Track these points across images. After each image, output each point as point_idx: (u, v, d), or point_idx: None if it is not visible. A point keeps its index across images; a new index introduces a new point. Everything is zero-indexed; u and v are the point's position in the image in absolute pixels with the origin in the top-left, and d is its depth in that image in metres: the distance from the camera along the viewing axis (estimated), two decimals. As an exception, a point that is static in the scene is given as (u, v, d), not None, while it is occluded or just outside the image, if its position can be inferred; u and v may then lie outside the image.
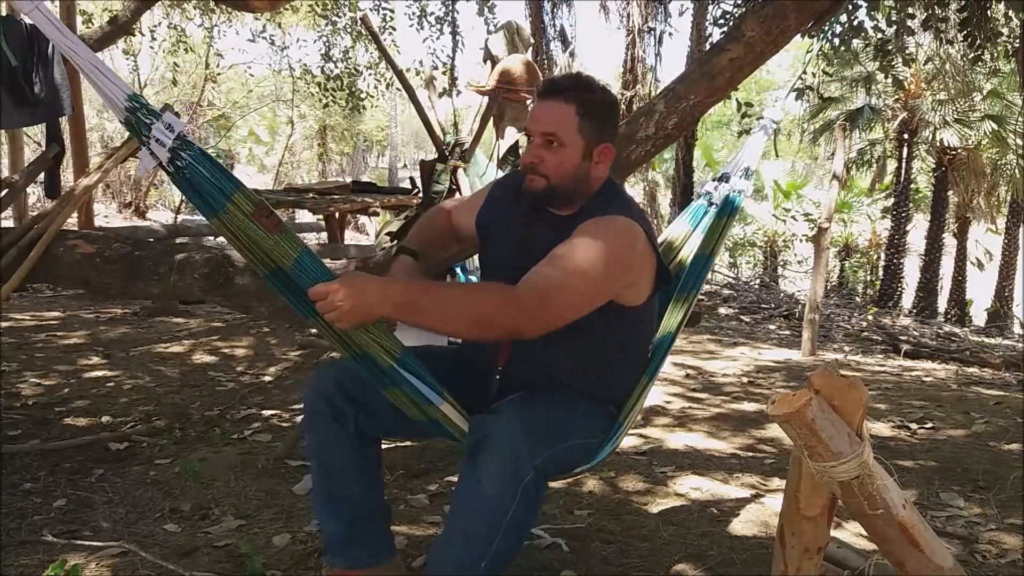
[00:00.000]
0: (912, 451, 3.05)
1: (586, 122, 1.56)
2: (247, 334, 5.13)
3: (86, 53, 1.33)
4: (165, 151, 1.35)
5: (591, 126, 1.57)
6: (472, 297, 1.50)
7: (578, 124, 1.56)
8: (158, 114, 1.36)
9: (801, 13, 2.42)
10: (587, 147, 1.58)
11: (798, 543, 1.33)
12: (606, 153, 1.61)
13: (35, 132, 8.06)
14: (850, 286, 15.07)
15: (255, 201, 1.38)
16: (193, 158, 1.35)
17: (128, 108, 1.34)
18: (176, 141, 1.35)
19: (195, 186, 1.36)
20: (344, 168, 23.16)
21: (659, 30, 12.30)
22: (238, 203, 1.37)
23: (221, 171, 1.38)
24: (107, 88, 1.34)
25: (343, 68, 9.23)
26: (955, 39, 4.90)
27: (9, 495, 2.36)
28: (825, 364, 5.50)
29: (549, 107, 1.57)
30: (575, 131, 1.56)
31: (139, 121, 1.35)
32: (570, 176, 1.57)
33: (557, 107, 1.56)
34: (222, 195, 1.36)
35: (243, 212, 1.37)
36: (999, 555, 2.08)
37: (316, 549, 2.01)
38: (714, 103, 2.67)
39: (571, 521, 2.26)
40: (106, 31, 5.21)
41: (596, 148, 1.59)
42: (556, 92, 1.58)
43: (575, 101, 1.56)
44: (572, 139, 1.56)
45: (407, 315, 1.40)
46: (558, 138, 1.55)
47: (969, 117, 12.64)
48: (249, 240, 1.38)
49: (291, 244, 1.38)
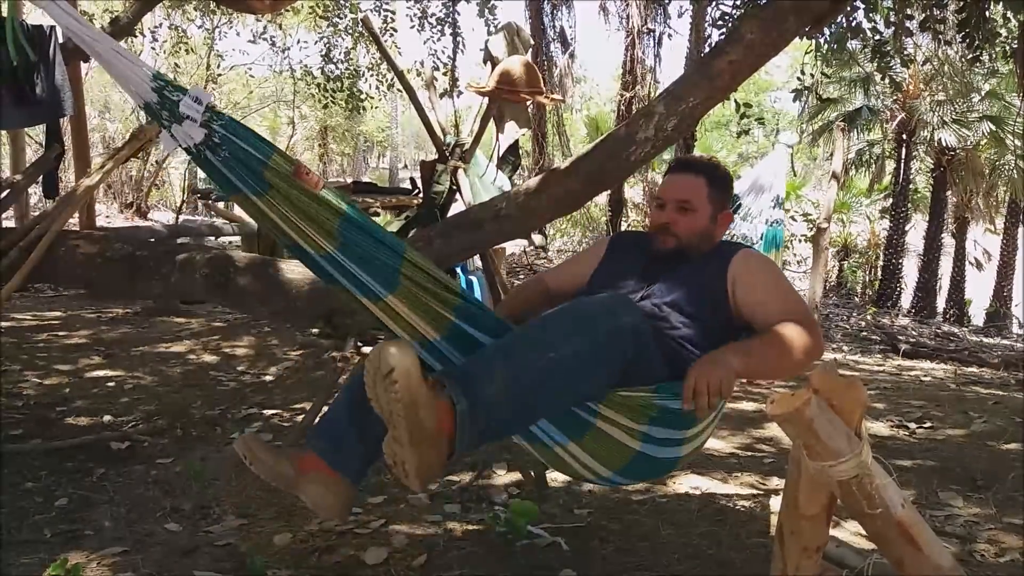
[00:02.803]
0: (911, 450, 3.06)
1: (714, 192, 1.83)
2: (248, 334, 5.13)
3: (105, 41, 1.34)
4: (197, 126, 1.35)
5: (717, 196, 1.84)
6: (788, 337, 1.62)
7: (708, 193, 1.82)
8: (184, 89, 1.36)
9: (800, 15, 2.43)
10: (713, 213, 1.83)
11: (797, 542, 1.34)
12: (726, 219, 1.88)
13: (36, 133, 8.04)
14: (849, 286, 15.07)
15: (291, 160, 1.42)
16: (226, 127, 1.38)
17: (155, 88, 1.35)
18: (206, 113, 1.35)
19: (232, 161, 1.40)
20: (345, 169, 23.15)
21: (658, 31, 12.32)
22: (276, 166, 1.41)
23: (254, 135, 1.42)
24: (131, 72, 1.34)
25: (344, 69, 9.22)
26: (953, 40, 4.91)
27: (10, 494, 2.36)
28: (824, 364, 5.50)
29: (684, 179, 1.84)
30: (705, 199, 1.82)
31: (165, 100, 1.36)
32: (698, 236, 1.81)
33: (690, 179, 1.83)
34: (260, 164, 1.40)
35: (283, 176, 1.42)
36: (997, 554, 2.09)
37: (317, 548, 2.02)
38: (714, 105, 2.68)
39: (571, 521, 2.26)
40: (107, 32, 5.20)
41: (720, 214, 1.85)
42: (688, 168, 1.87)
43: (705, 175, 1.83)
44: (703, 205, 1.81)
45: (750, 365, 1.58)
46: (691, 204, 1.81)
47: (967, 118, 12.63)
48: (297, 214, 1.43)
49: (336, 197, 1.45)
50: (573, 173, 2.67)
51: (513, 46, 3.96)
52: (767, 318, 1.67)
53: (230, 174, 1.43)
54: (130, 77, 1.35)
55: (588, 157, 2.67)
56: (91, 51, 1.35)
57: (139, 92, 1.37)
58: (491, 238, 2.87)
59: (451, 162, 3.74)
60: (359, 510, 2.31)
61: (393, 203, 7.34)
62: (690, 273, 1.76)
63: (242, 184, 1.44)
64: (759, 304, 1.70)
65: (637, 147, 2.52)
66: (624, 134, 2.59)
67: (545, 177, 2.76)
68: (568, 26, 13.42)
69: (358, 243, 1.49)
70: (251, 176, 1.43)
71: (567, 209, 3.01)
